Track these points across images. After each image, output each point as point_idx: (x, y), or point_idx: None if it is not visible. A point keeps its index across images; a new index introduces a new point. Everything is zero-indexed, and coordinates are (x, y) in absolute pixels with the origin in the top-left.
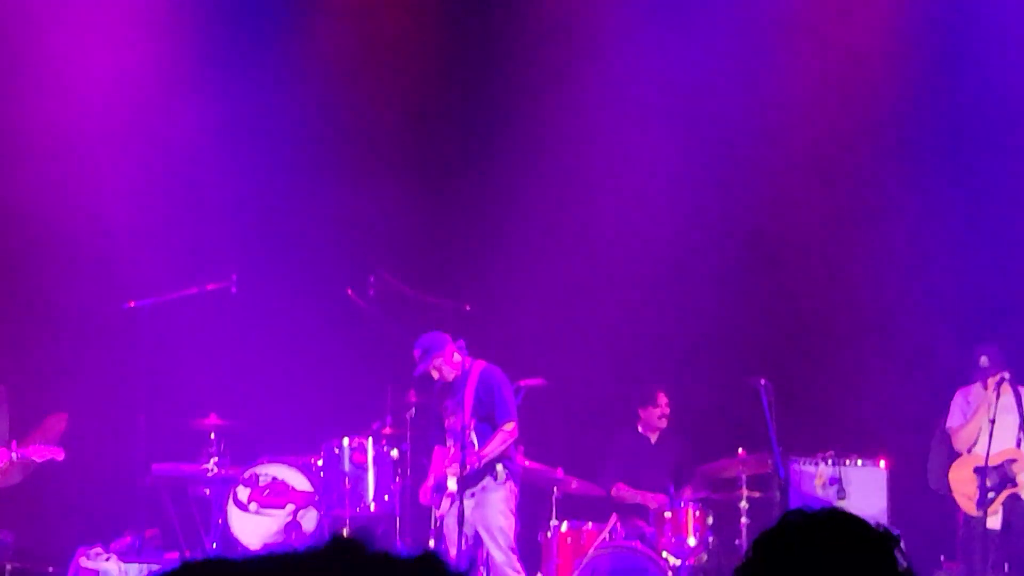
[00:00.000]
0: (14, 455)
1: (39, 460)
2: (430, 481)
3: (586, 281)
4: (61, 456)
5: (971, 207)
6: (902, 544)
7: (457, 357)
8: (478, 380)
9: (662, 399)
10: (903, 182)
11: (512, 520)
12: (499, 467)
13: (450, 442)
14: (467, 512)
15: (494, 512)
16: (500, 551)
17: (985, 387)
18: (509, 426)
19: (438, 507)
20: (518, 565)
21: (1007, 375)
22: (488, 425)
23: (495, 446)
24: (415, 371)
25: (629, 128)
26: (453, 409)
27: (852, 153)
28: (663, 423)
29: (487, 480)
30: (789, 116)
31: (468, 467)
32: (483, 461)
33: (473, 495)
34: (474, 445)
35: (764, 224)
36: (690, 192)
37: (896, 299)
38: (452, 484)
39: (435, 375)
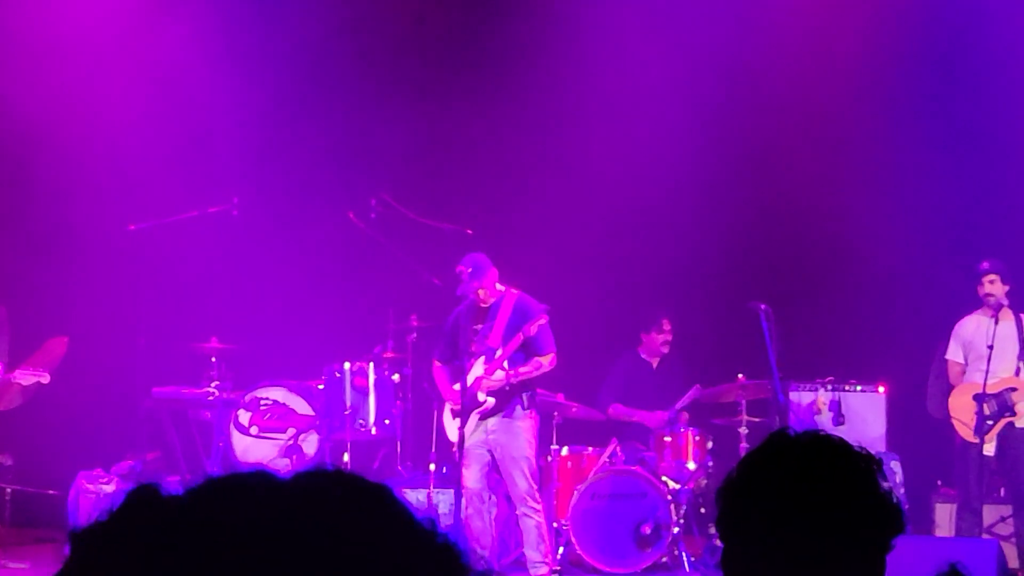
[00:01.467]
0: None
1: (24, 383)
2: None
3: (587, 205)
4: (47, 380)
5: (972, 128)
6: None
7: (499, 286)
8: (513, 308)
9: (666, 325)
10: (903, 107)
11: (534, 449)
12: (525, 396)
13: (472, 363)
14: (489, 436)
15: (520, 440)
16: (523, 479)
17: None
18: (547, 358)
19: (460, 429)
20: (537, 495)
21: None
22: (521, 353)
23: (531, 371)
24: (460, 288)
25: (629, 52)
26: (484, 332)
27: (852, 81)
28: (665, 348)
29: (515, 407)
30: (790, 39)
31: (503, 381)
32: (518, 379)
33: (498, 420)
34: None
35: (764, 150)
36: (690, 116)
37: (898, 223)
38: (481, 396)
39: (480, 294)
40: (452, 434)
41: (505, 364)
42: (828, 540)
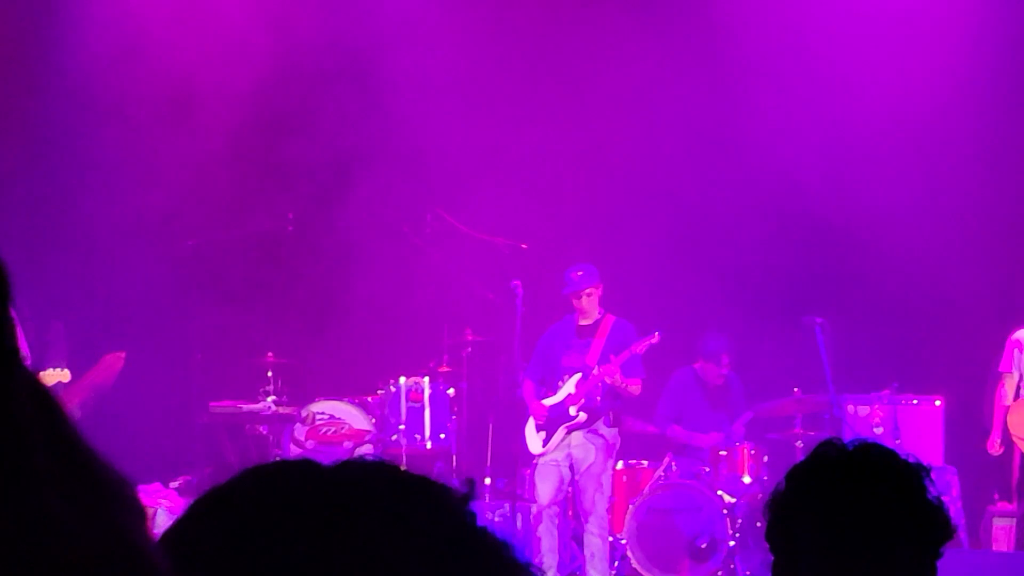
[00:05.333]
0: None
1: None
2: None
3: (643, 218)
4: (67, 377)
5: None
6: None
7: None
8: (612, 329)
9: (724, 359)
10: (961, 122)
11: (612, 468)
12: (611, 414)
13: (566, 378)
14: (572, 451)
15: (602, 457)
16: (599, 496)
17: None
18: (637, 387)
19: (545, 443)
20: (606, 514)
21: None
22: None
23: (634, 387)
24: (567, 288)
25: (673, 69)
26: (579, 349)
27: (913, 95)
28: (720, 380)
29: (601, 424)
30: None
31: (607, 382)
32: (625, 390)
33: (583, 435)
34: (598, 386)
35: (822, 164)
36: (744, 131)
37: (955, 234)
38: (573, 410)
39: (583, 301)
40: (535, 447)
41: (615, 374)
42: (876, 548)
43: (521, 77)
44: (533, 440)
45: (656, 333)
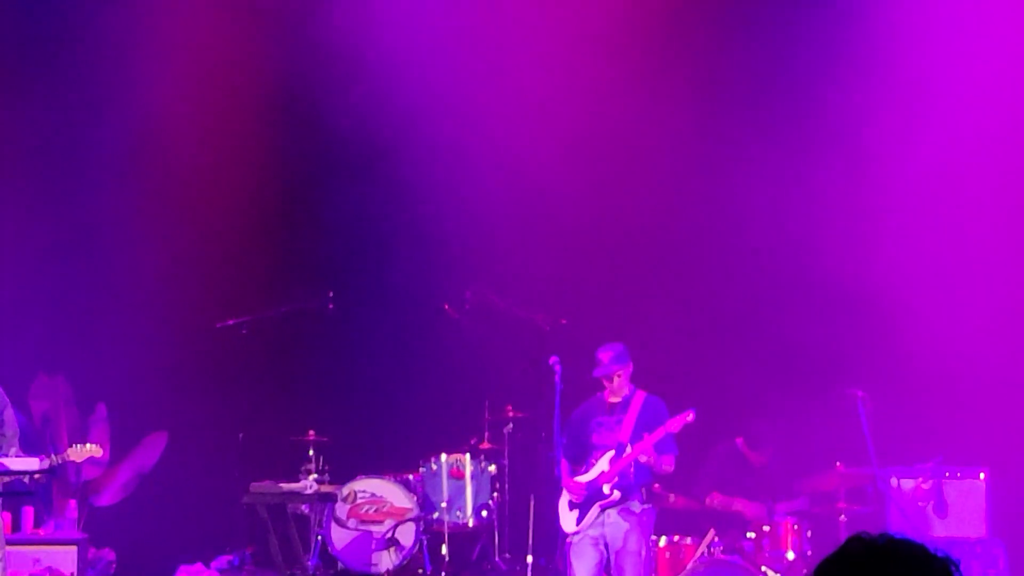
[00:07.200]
0: (54, 458)
1: (78, 460)
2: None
3: (679, 291)
4: (99, 453)
5: None
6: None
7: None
8: (643, 406)
9: (767, 449)
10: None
11: (648, 544)
12: (644, 490)
13: (599, 456)
14: (606, 529)
15: (637, 534)
16: (636, 573)
17: None
18: (671, 465)
19: (579, 521)
20: None
21: None
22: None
23: (667, 466)
24: (597, 371)
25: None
26: (610, 426)
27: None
28: (760, 463)
29: (635, 500)
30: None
31: (642, 461)
32: (660, 469)
33: (616, 512)
34: (632, 464)
35: (858, 232)
36: (780, 202)
37: (997, 305)
38: (607, 488)
39: (613, 382)
40: (568, 525)
41: (649, 451)
42: None
43: (559, 149)
44: (567, 518)
45: (691, 411)
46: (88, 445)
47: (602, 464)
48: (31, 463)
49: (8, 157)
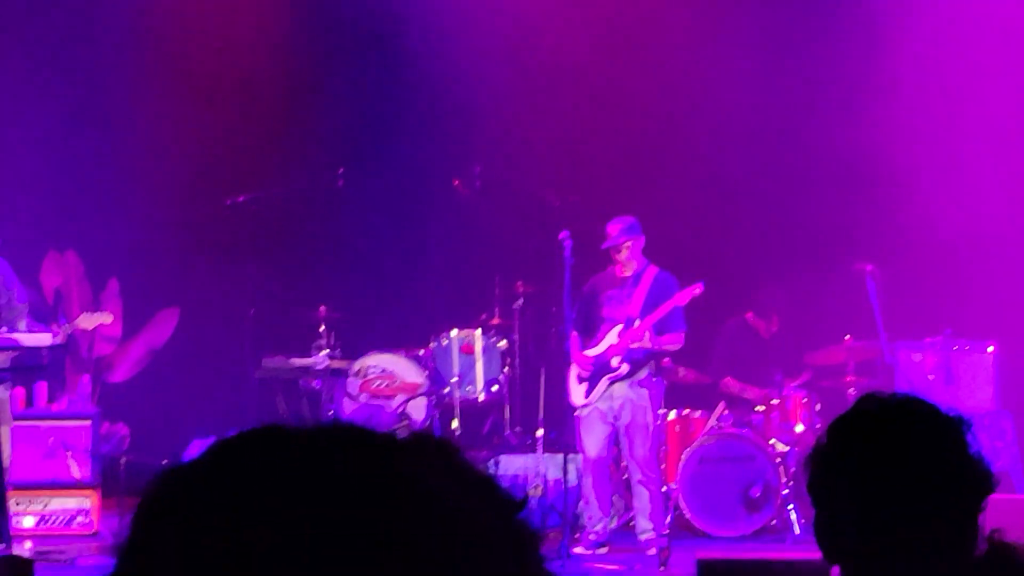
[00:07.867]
0: (67, 327)
1: (88, 327)
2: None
3: (690, 167)
4: (109, 319)
5: None
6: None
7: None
8: (654, 281)
9: (775, 319)
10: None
11: (656, 418)
12: (654, 364)
13: (608, 329)
14: (615, 402)
15: (645, 407)
16: (644, 446)
17: None
18: (677, 342)
19: (587, 394)
20: (655, 463)
21: None
22: (654, 329)
23: (672, 344)
24: (607, 242)
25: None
26: (620, 300)
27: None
28: (767, 336)
29: (644, 374)
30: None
31: (648, 348)
32: (660, 348)
33: (626, 386)
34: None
35: (869, 107)
36: (795, 81)
37: (1006, 175)
38: (615, 362)
39: (621, 254)
40: (577, 398)
41: (644, 336)
42: (917, 504)
43: (569, 30)
44: (576, 392)
45: (699, 284)
46: (98, 313)
47: (611, 337)
48: (44, 338)
49: (14, 32)
